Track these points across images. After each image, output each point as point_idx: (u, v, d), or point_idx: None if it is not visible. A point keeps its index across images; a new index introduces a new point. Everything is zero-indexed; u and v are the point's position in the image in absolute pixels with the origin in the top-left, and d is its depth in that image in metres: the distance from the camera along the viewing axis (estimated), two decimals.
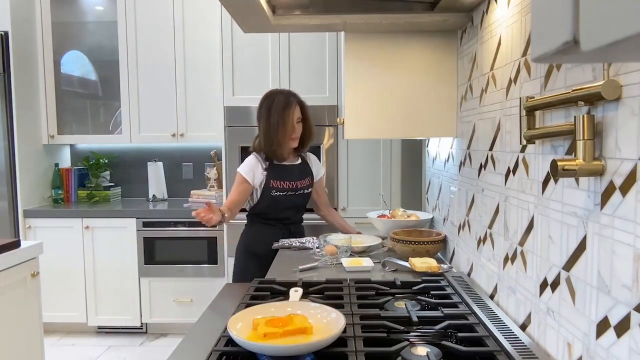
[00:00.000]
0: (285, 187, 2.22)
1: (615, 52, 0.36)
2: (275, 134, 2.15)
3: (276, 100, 2.16)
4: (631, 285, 0.78)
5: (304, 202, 2.33)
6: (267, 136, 2.17)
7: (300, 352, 1.03)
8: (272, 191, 2.19)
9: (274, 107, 2.15)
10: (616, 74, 0.82)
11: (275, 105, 2.15)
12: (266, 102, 2.19)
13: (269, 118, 2.16)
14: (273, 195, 2.20)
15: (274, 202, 2.21)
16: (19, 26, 3.44)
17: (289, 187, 2.22)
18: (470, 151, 1.72)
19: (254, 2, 1.55)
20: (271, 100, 2.18)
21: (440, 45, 1.91)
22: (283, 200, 2.22)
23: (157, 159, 3.91)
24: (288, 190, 2.22)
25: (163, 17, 3.59)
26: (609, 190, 0.85)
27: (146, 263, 3.44)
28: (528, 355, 1.05)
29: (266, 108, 2.18)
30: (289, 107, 2.16)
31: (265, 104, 2.19)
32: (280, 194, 2.21)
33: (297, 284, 1.51)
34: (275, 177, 2.21)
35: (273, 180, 2.19)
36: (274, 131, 2.15)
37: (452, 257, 1.97)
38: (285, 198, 2.22)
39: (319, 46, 3.37)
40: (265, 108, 2.18)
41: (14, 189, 3.42)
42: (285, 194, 2.22)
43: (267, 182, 2.19)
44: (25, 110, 3.51)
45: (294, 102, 2.18)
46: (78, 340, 3.48)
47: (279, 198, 2.21)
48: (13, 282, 2.11)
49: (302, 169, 2.31)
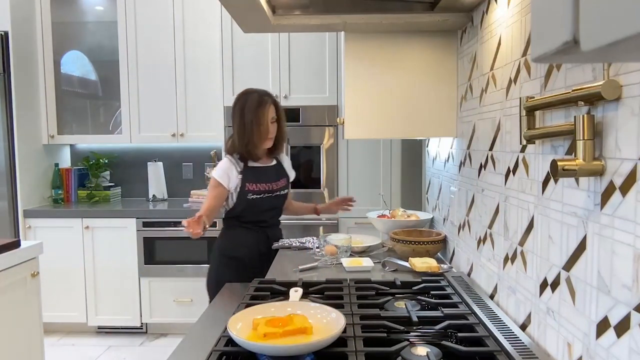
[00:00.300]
0: (261, 189, 2.13)
1: (615, 52, 0.36)
2: (250, 134, 2.07)
3: (250, 99, 2.08)
4: (631, 285, 0.78)
5: (281, 204, 2.26)
6: (241, 136, 2.09)
7: (300, 352, 1.03)
8: (248, 194, 2.10)
9: (247, 106, 2.07)
10: (616, 74, 0.82)
11: (249, 104, 2.07)
12: (240, 102, 2.11)
13: (243, 117, 2.07)
14: (249, 198, 2.11)
15: (251, 205, 2.12)
16: (19, 26, 3.44)
17: (265, 189, 2.14)
18: (470, 151, 1.72)
19: (254, 2, 1.55)
20: (245, 99, 2.10)
21: (440, 45, 1.91)
22: (260, 203, 2.14)
23: (157, 159, 3.91)
24: (265, 192, 2.14)
25: (163, 17, 3.59)
26: (609, 190, 0.84)
27: (146, 263, 3.44)
28: (528, 355, 1.05)
29: (240, 107, 2.09)
30: (263, 106, 2.07)
31: (238, 103, 2.11)
32: (256, 196, 2.12)
33: (297, 284, 1.51)
34: (251, 179, 2.12)
35: (249, 182, 2.11)
36: (249, 131, 2.07)
37: (452, 257, 1.97)
38: (262, 200, 2.14)
39: (319, 46, 3.37)
40: (238, 107, 2.10)
41: (14, 189, 3.42)
42: (262, 197, 2.14)
43: (242, 185, 2.10)
44: (25, 110, 3.51)
45: (268, 101, 2.09)
46: (78, 340, 3.48)
47: (255, 201, 2.12)
48: (13, 282, 2.11)
49: (277, 170, 2.24)
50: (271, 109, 2.09)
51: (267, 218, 2.20)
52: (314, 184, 3.42)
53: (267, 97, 2.10)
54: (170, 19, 3.59)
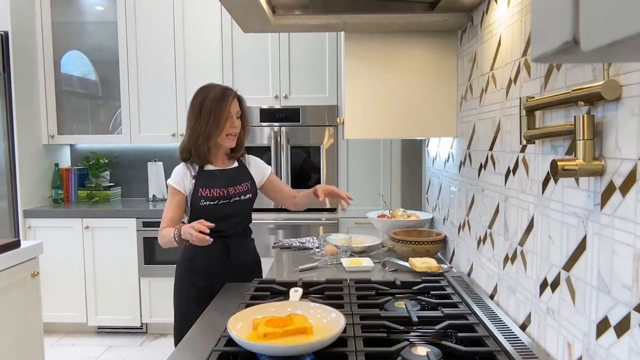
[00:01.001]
0: (215, 195, 1.91)
1: (615, 52, 0.36)
2: (204, 127, 1.86)
3: (212, 92, 1.89)
4: (631, 285, 0.78)
5: (242, 211, 1.99)
6: (194, 130, 1.89)
7: (300, 352, 1.03)
8: (200, 200, 1.90)
9: (208, 99, 1.88)
10: (616, 74, 0.82)
11: (211, 96, 1.88)
12: (199, 95, 1.91)
13: (201, 110, 1.87)
14: (202, 205, 1.89)
15: (204, 212, 1.88)
16: (19, 26, 3.44)
17: (220, 195, 1.91)
18: (470, 151, 1.72)
19: (254, 2, 1.55)
20: (205, 92, 1.90)
21: (440, 45, 1.91)
22: (214, 210, 1.90)
23: (157, 159, 3.91)
24: (220, 198, 1.91)
25: (163, 17, 3.59)
26: (609, 190, 0.84)
27: (146, 263, 3.44)
28: (528, 355, 1.05)
29: (199, 100, 1.89)
30: (226, 98, 1.88)
31: (198, 96, 1.91)
32: (210, 203, 1.90)
33: (297, 284, 1.51)
34: (204, 184, 1.91)
35: (202, 188, 1.91)
36: (204, 124, 1.86)
37: (452, 257, 1.97)
38: (217, 207, 1.91)
39: (319, 46, 3.37)
40: (197, 100, 1.90)
41: (14, 189, 3.42)
42: (217, 203, 1.91)
43: (195, 190, 1.91)
44: (25, 110, 3.51)
45: (231, 95, 1.91)
46: (78, 340, 3.48)
47: (209, 208, 1.90)
48: (13, 282, 2.11)
49: (237, 174, 1.99)
50: (235, 103, 1.91)
51: (225, 227, 1.91)
52: (314, 184, 3.41)
53: (230, 91, 1.93)
54: (170, 19, 3.59)
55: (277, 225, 3.39)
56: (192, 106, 1.92)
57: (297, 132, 3.38)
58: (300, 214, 3.25)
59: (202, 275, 1.88)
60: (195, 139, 1.88)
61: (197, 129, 1.87)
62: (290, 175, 3.41)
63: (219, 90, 1.89)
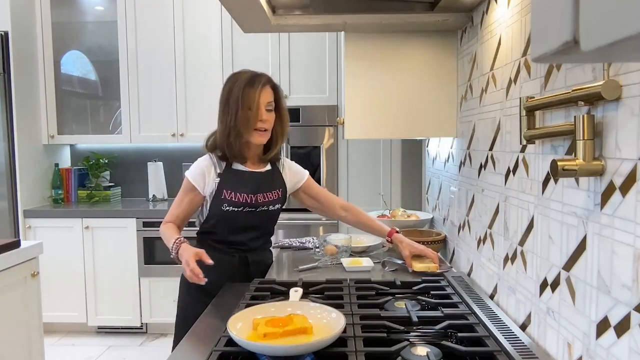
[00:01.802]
0: (240, 200, 1.66)
1: (615, 52, 0.36)
2: (232, 121, 1.61)
3: (241, 77, 1.64)
4: (631, 285, 0.78)
5: (267, 225, 1.78)
6: (223, 124, 1.64)
7: (300, 352, 1.03)
8: (223, 204, 1.65)
9: (236, 86, 1.62)
10: (616, 74, 0.82)
11: (239, 83, 1.63)
12: (228, 82, 1.67)
13: (228, 100, 1.62)
14: (224, 210, 1.66)
15: (225, 219, 1.67)
16: (19, 26, 3.44)
17: (245, 202, 1.67)
18: (470, 151, 1.72)
19: (254, 2, 1.55)
20: (234, 79, 1.66)
21: (440, 45, 1.91)
22: (235, 219, 1.67)
23: (157, 159, 3.91)
24: (245, 205, 1.67)
25: (163, 17, 3.59)
26: (609, 190, 0.84)
27: (146, 263, 3.44)
28: (528, 355, 1.05)
29: (227, 88, 1.66)
30: (255, 85, 1.61)
31: (227, 84, 1.68)
32: (233, 209, 1.66)
33: (297, 284, 1.51)
34: (230, 185, 1.66)
35: (226, 189, 1.66)
36: (232, 116, 1.60)
37: (452, 257, 1.96)
38: (239, 216, 1.67)
39: (319, 46, 3.37)
40: (226, 88, 1.66)
41: (14, 189, 3.42)
42: (241, 210, 1.67)
43: (218, 190, 1.66)
44: (25, 110, 3.51)
45: (262, 81, 1.64)
46: (78, 340, 3.48)
47: (230, 215, 1.66)
48: (13, 282, 2.11)
49: (269, 179, 1.74)
50: (266, 92, 1.64)
51: (246, 240, 1.72)
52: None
53: (263, 77, 1.65)
54: (170, 19, 3.59)
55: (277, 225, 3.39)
56: (221, 96, 1.67)
57: (297, 132, 3.38)
58: (300, 213, 3.25)
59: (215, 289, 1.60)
60: (227, 135, 1.63)
61: (225, 122, 1.62)
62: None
63: (247, 76, 1.64)
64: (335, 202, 1.90)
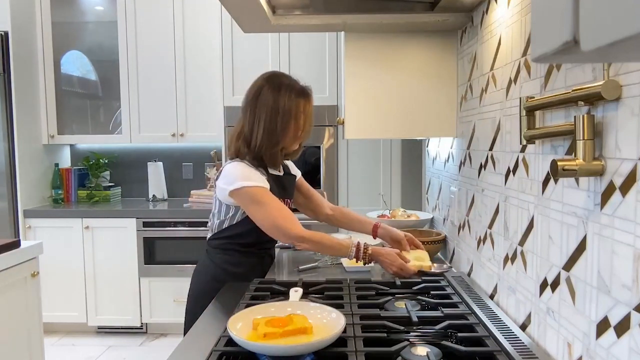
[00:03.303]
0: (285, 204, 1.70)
1: (615, 52, 0.36)
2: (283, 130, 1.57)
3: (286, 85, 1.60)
4: (631, 285, 0.78)
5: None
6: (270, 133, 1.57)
7: (300, 352, 1.03)
8: None
9: (286, 94, 1.57)
10: (616, 74, 0.82)
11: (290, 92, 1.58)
12: (270, 85, 1.60)
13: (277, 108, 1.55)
14: None
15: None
16: (19, 26, 3.44)
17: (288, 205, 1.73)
18: (470, 151, 1.72)
19: (254, 2, 1.55)
20: (278, 83, 1.60)
21: (440, 45, 1.91)
22: None
23: (157, 159, 3.92)
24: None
25: (163, 17, 3.59)
26: (609, 190, 0.84)
27: (146, 263, 3.44)
28: (528, 355, 1.05)
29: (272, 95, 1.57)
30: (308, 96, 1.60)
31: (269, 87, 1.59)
32: None
33: (297, 284, 1.51)
34: (275, 191, 1.65)
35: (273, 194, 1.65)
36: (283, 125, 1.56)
37: (452, 257, 1.96)
38: None
39: (319, 46, 3.37)
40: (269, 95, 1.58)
41: (14, 189, 3.42)
42: None
43: None
44: (25, 110, 3.51)
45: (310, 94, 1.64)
46: (78, 340, 3.48)
47: None
48: (13, 282, 2.11)
49: (289, 182, 1.80)
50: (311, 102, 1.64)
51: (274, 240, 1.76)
52: (314, 184, 3.41)
53: (309, 89, 1.65)
54: (170, 18, 3.59)
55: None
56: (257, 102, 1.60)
57: None
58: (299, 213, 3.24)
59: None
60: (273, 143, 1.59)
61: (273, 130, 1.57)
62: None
63: (298, 86, 1.62)
64: (324, 201, 1.96)
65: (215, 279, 1.68)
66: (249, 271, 1.69)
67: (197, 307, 1.63)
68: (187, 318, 1.74)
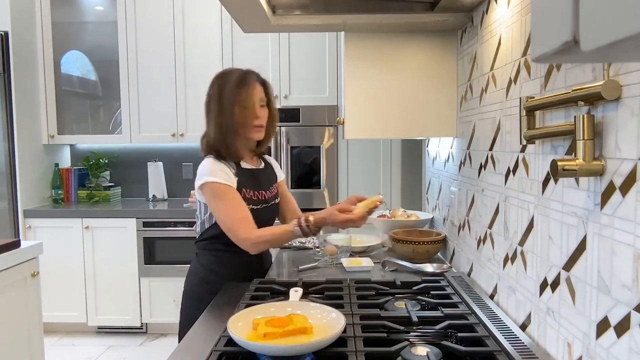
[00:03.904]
0: (260, 198, 1.70)
1: (615, 52, 0.36)
2: (229, 121, 1.62)
3: (230, 77, 1.65)
4: (631, 285, 0.78)
5: (274, 218, 1.82)
6: (219, 126, 1.64)
7: (300, 352, 1.03)
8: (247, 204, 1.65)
9: (228, 86, 1.63)
10: (616, 74, 0.82)
11: (230, 83, 1.64)
12: (218, 82, 1.67)
13: (221, 100, 1.63)
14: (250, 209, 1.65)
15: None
16: (19, 26, 3.44)
17: (264, 198, 1.71)
18: (470, 151, 1.72)
19: (254, 2, 1.55)
20: (224, 78, 1.66)
21: (440, 45, 1.91)
22: (256, 216, 1.64)
23: (157, 159, 3.92)
24: (262, 202, 1.70)
25: (163, 17, 3.59)
26: (609, 190, 0.84)
27: (146, 263, 3.44)
28: (528, 355, 1.05)
29: (217, 89, 1.65)
30: (248, 83, 1.64)
31: (216, 84, 1.67)
32: (254, 207, 1.66)
33: (297, 284, 1.51)
34: (247, 185, 1.67)
35: (246, 189, 1.66)
36: (228, 117, 1.62)
37: (452, 257, 1.97)
38: (259, 213, 1.68)
39: (319, 46, 3.37)
40: (216, 89, 1.66)
41: (14, 189, 3.42)
42: (260, 207, 1.69)
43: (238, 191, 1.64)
44: (25, 110, 3.51)
45: (253, 79, 1.67)
46: (78, 340, 3.48)
47: (252, 214, 1.64)
48: (13, 282, 2.11)
49: (268, 174, 1.81)
50: (258, 89, 1.67)
51: None
52: (314, 184, 3.42)
53: (252, 75, 1.68)
54: (170, 19, 3.59)
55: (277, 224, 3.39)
56: (209, 100, 1.68)
57: (297, 132, 3.38)
58: None
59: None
60: (224, 136, 1.64)
61: (221, 123, 1.64)
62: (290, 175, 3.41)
63: (238, 74, 1.66)
64: (298, 211, 1.91)
65: (204, 281, 1.70)
66: (234, 271, 1.69)
67: (190, 310, 1.66)
68: (180, 319, 1.75)
